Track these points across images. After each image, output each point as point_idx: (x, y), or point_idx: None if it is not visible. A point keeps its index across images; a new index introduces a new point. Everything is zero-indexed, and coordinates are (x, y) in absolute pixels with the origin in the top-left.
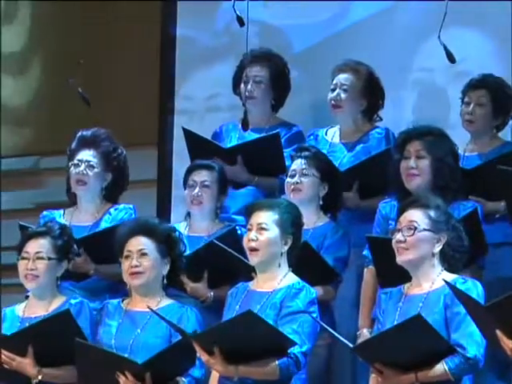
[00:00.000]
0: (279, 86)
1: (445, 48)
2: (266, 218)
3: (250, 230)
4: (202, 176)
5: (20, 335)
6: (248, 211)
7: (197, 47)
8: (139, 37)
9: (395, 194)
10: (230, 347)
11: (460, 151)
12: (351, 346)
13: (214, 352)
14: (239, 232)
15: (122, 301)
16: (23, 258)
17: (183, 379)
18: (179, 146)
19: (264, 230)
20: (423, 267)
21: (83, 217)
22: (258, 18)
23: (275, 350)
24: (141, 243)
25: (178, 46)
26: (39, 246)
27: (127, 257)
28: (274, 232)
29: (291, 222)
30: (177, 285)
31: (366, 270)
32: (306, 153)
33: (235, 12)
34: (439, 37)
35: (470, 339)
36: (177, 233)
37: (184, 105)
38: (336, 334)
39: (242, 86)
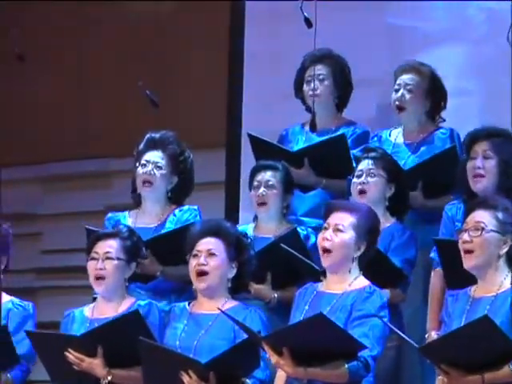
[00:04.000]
0: (342, 83)
1: None
2: (344, 220)
3: (325, 228)
4: (266, 176)
5: (89, 336)
6: (327, 210)
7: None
8: (209, 37)
9: (461, 194)
10: (300, 349)
11: None
12: (417, 346)
13: (283, 353)
14: (304, 233)
15: (189, 304)
16: (92, 259)
17: (247, 380)
18: (247, 147)
19: (339, 232)
20: (490, 270)
21: (148, 218)
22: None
23: (344, 353)
24: (210, 244)
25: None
26: (108, 247)
27: (195, 256)
28: (349, 235)
29: (368, 229)
30: (243, 288)
31: (433, 272)
32: (373, 153)
33: (303, 13)
34: (508, 38)
35: None
36: (248, 238)
37: None
38: (403, 336)
39: (305, 85)
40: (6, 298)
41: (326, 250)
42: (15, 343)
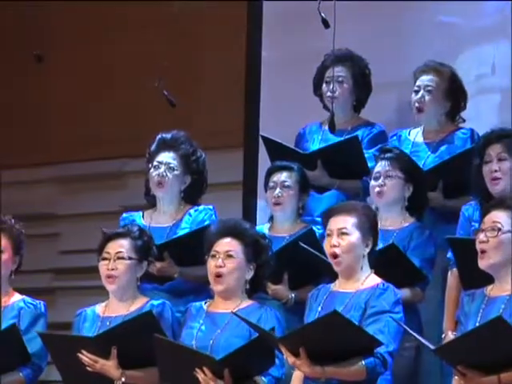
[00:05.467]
0: (361, 86)
1: None
2: (346, 223)
3: (329, 235)
4: (281, 177)
5: (103, 337)
6: (325, 217)
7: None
8: (226, 37)
9: (478, 196)
10: (316, 348)
11: None
12: (433, 347)
13: (299, 353)
14: (320, 232)
15: (205, 303)
16: (104, 259)
17: (263, 378)
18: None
19: (345, 235)
20: (506, 270)
21: (162, 218)
22: None
23: (361, 350)
24: (228, 245)
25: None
26: (119, 246)
27: (213, 256)
28: (355, 236)
29: (369, 225)
30: (260, 289)
31: (450, 272)
32: (390, 154)
33: (320, 14)
34: None
35: None
36: (266, 240)
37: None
38: (418, 337)
39: (324, 86)
40: (17, 296)
41: (336, 256)
42: (27, 342)
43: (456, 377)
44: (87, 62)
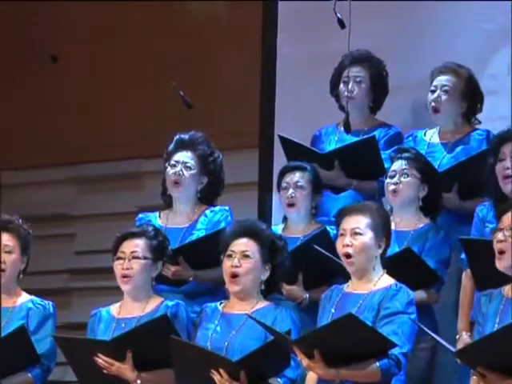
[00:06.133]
0: (378, 87)
1: None
2: (359, 223)
3: (342, 235)
4: (294, 177)
5: (118, 341)
6: (338, 216)
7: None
8: (242, 38)
9: (491, 196)
10: (330, 350)
11: None
12: (453, 350)
13: (313, 355)
14: (334, 232)
15: (220, 304)
16: (119, 258)
17: (278, 380)
18: (280, 148)
19: (359, 235)
20: None
21: (179, 219)
22: None
23: (375, 352)
24: (245, 245)
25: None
26: (135, 246)
27: (229, 256)
28: (368, 236)
29: (383, 225)
30: (275, 289)
31: (464, 273)
32: (407, 154)
33: (336, 14)
34: None
35: None
36: (282, 241)
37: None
38: (437, 337)
39: (342, 86)
40: (26, 297)
41: (349, 257)
42: (36, 342)
43: (474, 377)
44: (104, 62)
